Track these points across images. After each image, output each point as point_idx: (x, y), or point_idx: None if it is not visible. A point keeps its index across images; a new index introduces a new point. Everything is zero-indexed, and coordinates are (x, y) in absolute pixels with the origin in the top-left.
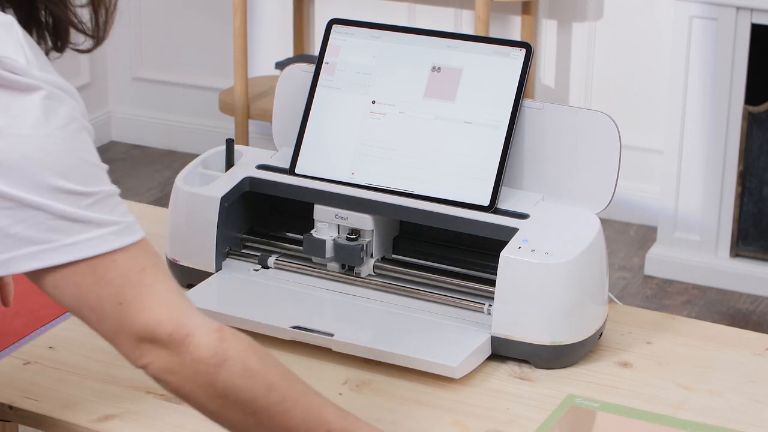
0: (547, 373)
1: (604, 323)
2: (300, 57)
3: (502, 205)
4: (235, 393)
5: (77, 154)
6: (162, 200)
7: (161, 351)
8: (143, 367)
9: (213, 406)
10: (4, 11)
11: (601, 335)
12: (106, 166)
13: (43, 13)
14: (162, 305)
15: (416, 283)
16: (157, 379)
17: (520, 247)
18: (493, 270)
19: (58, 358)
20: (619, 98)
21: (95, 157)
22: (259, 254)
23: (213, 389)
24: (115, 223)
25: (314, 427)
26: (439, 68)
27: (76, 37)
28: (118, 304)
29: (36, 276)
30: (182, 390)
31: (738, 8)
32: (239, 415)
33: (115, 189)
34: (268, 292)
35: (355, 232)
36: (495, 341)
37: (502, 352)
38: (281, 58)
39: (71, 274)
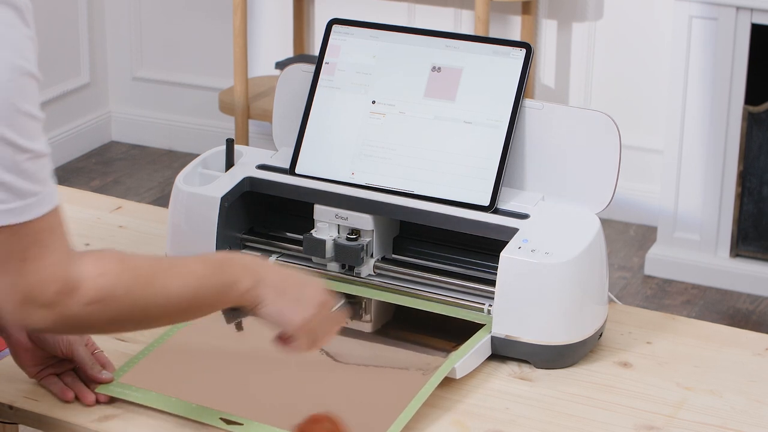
0: (547, 373)
1: (604, 323)
2: (300, 57)
3: (502, 205)
4: (125, 313)
5: (19, 104)
6: (162, 200)
7: (43, 311)
8: (26, 326)
9: (108, 329)
10: None
11: (601, 335)
12: (43, 116)
13: None
14: (56, 264)
15: (416, 283)
16: (42, 331)
17: (520, 247)
18: (493, 270)
19: None
20: (619, 98)
21: (38, 110)
22: (259, 254)
23: (106, 320)
24: (39, 192)
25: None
26: (439, 68)
27: None
28: (21, 261)
29: None
30: (74, 332)
31: (738, 8)
32: (131, 323)
33: (47, 149)
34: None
35: (355, 232)
36: (495, 341)
37: (502, 352)
38: (281, 58)
39: None
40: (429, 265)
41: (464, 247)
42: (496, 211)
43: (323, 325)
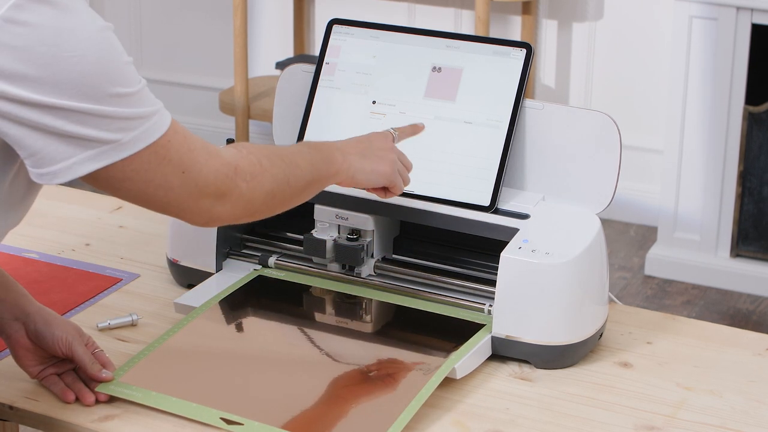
0: (547, 373)
1: (604, 323)
2: (300, 57)
3: (502, 205)
4: (276, 184)
5: (120, 59)
6: None
7: (222, 200)
8: (213, 221)
9: (269, 204)
10: None
11: (601, 335)
12: (132, 59)
13: None
14: (209, 158)
15: (416, 283)
16: (227, 221)
17: (520, 248)
18: (494, 270)
19: None
20: (619, 98)
21: (126, 55)
22: (259, 254)
23: (265, 193)
24: (156, 111)
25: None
26: (440, 68)
27: None
28: (181, 174)
29: (99, 176)
30: (245, 216)
31: (738, 8)
32: (282, 196)
33: (143, 80)
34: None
35: (356, 232)
36: (495, 341)
37: (502, 352)
38: (281, 58)
39: (138, 163)
40: (429, 265)
41: (464, 247)
42: (497, 212)
43: (402, 160)
